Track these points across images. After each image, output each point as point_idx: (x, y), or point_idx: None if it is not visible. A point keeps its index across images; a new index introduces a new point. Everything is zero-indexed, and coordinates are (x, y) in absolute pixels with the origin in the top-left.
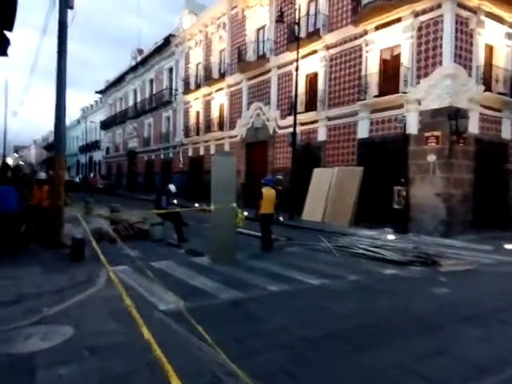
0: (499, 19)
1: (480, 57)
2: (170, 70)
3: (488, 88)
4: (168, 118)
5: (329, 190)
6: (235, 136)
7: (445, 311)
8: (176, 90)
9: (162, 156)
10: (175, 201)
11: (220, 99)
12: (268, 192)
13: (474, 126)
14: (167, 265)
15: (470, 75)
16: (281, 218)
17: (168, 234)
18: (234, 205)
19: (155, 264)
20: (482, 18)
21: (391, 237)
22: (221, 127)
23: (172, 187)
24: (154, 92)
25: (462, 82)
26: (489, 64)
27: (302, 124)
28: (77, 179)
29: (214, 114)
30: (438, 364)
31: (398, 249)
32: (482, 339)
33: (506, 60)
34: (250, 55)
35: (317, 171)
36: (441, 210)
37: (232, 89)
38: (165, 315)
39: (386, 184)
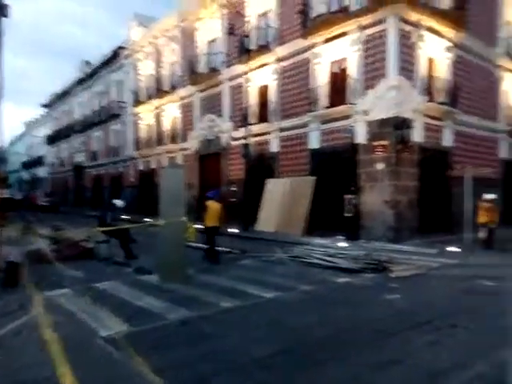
0: (438, 33)
1: (422, 69)
2: (119, 82)
3: (430, 98)
4: (117, 132)
5: (282, 200)
6: (188, 148)
7: (398, 318)
8: (125, 102)
9: (111, 170)
10: (124, 216)
11: (172, 111)
12: (213, 205)
13: (418, 135)
14: (112, 285)
15: (413, 86)
16: (235, 230)
17: (115, 252)
18: (184, 218)
19: (99, 285)
20: (423, 32)
21: (343, 244)
22: (173, 140)
23: (119, 202)
24: (103, 105)
25: (407, 93)
26: (430, 75)
27: (255, 135)
28: (19, 197)
29: (166, 126)
30: (394, 373)
31: (350, 256)
32: (434, 345)
33: (445, 71)
34: (202, 67)
35: (270, 182)
36: (389, 217)
37: (184, 101)
38: (105, 342)
39: (337, 193)
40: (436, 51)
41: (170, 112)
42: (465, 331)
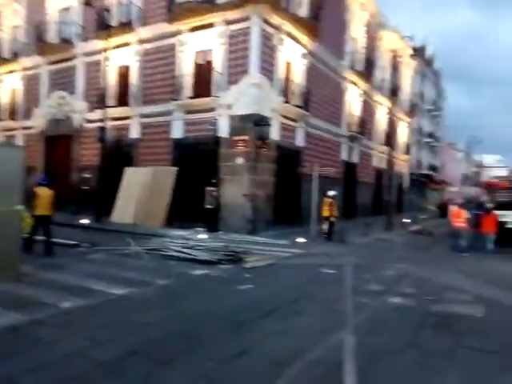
0: (296, 40)
1: (281, 71)
2: None
3: (287, 100)
4: None
5: (141, 190)
6: (32, 127)
7: (249, 308)
8: None
9: None
10: None
11: (12, 83)
12: (43, 192)
13: (275, 133)
14: None
15: (272, 86)
16: (86, 221)
17: None
18: (20, 207)
19: None
20: (283, 36)
21: (203, 236)
22: (12, 116)
23: None
24: None
25: (266, 92)
26: (287, 78)
27: (113, 119)
28: None
29: (3, 99)
30: (240, 365)
31: (209, 248)
32: (281, 332)
33: (300, 76)
34: (52, 37)
35: (129, 170)
36: (247, 210)
37: (28, 72)
38: None
39: (199, 185)
40: (293, 56)
41: (9, 83)
42: (307, 317)
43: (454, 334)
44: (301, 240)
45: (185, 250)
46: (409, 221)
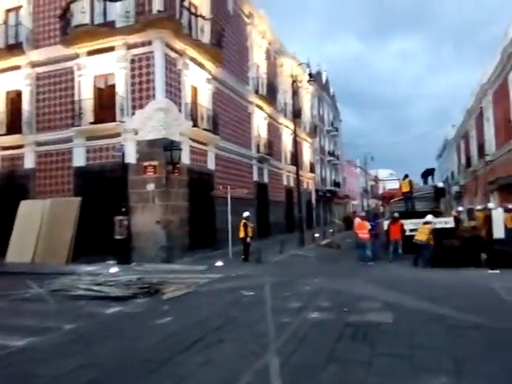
0: (201, 65)
1: (187, 95)
2: None
3: (195, 124)
4: None
5: (41, 224)
6: None
7: (169, 342)
8: None
9: None
10: None
11: None
12: None
13: (186, 157)
14: None
15: (180, 111)
16: None
17: None
18: None
19: None
20: (187, 61)
21: (114, 269)
22: None
23: None
24: None
25: (174, 117)
26: (195, 103)
27: (4, 148)
28: None
29: None
30: None
31: (121, 283)
32: (206, 364)
33: (207, 101)
34: None
35: (24, 204)
36: (161, 237)
37: None
38: None
39: (106, 214)
40: (199, 81)
41: None
42: (231, 344)
43: (370, 343)
44: (219, 263)
45: (94, 288)
46: (318, 235)
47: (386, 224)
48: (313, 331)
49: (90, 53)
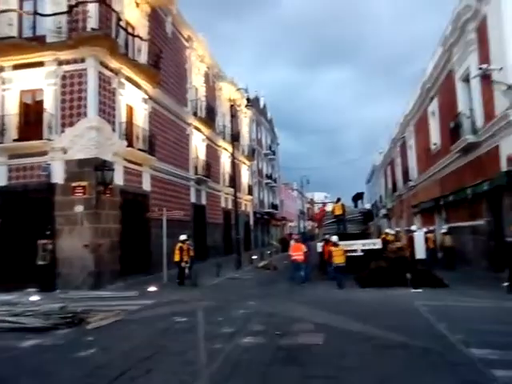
0: (137, 84)
1: (122, 115)
2: None
3: (130, 144)
4: None
5: None
6: None
7: (93, 376)
8: None
9: None
10: None
11: None
12: None
13: (119, 178)
14: None
15: (114, 130)
16: None
17: None
18: None
19: None
20: (123, 80)
21: (35, 298)
22: None
23: None
24: None
25: (107, 136)
26: (130, 122)
27: None
28: None
29: None
30: None
31: (41, 312)
32: None
33: (144, 121)
34: None
35: None
36: (89, 262)
37: None
38: None
39: (29, 238)
40: (135, 100)
41: None
42: (160, 374)
43: (300, 366)
44: (152, 289)
45: (10, 319)
46: (256, 257)
47: (319, 246)
48: (245, 356)
49: (17, 67)
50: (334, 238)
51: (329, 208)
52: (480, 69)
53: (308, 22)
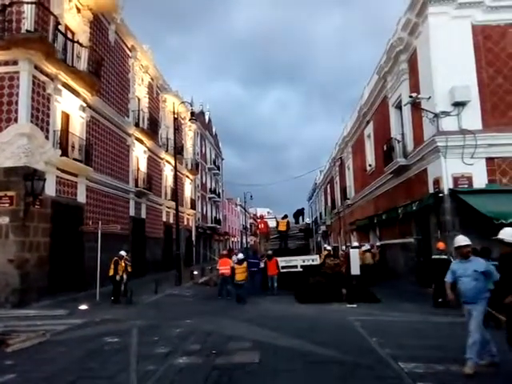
0: (75, 92)
1: (57, 122)
2: None
3: (65, 153)
4: None
5: None
6: None
7: None
8: None
9: None
10: None
11: None
12: None
13: (51, 189)
14: None
15: (47, 138)
16: None
17: None
18: None
19: None
20: (59, 86)
21: None
22: None
23: None
24: None
25: (39, 144)
26: (66, 130)
27: None
28: None
29: None
30: None
31: None
32: None
33: (81, 130)
34: None
35: None
36: (14, 278)
37: None
38: None
39: None
40: (72, 108)
41: None
42: None
43: None
44: (83, 307)
45: None
46: (197, 273)
47: (262, 261)
48: (179, 378)
49: None
50: (240, 256)
51: (273, 224)
52: (410, 97)
53: (256, 40)
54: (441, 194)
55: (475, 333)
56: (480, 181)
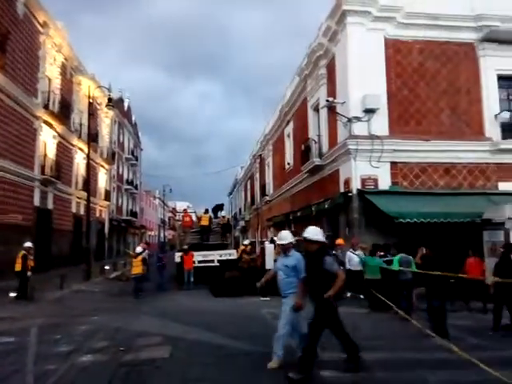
0: None
1: None
2: None
3: None
4: None
5: None
6: None
7: None
8: None
9: None
10: None
11: None
12: None
13: None
14: None
15: None
16: None
17: None
18: None
19: None
20: None
21: None
22: None
23: None
24: None
25: None
26: None
27: None
28: None
29: None
30: None
31: None
32: None
33: None
34: None
35: None
36: None
37: None
38: None
39: None
40: None
41: None
42: None
43: (142, 381)
44: None
45: None
46: (108, 268)
47: (178, 255)
48: (81, 376)
49: None
50: (138, 250)
51: (194, 218)
52: (327, 101)
53: (180, 29)
54: (350, 194)
55: (282, 328)
56: (384, 183)
